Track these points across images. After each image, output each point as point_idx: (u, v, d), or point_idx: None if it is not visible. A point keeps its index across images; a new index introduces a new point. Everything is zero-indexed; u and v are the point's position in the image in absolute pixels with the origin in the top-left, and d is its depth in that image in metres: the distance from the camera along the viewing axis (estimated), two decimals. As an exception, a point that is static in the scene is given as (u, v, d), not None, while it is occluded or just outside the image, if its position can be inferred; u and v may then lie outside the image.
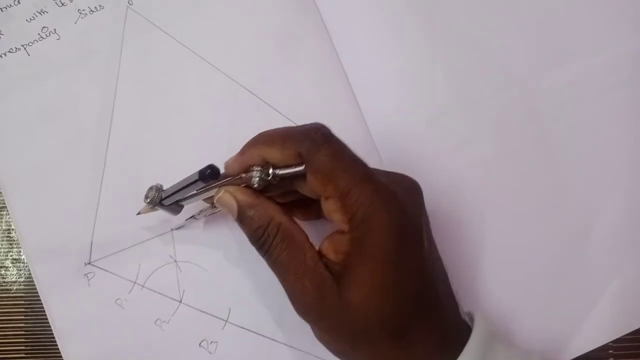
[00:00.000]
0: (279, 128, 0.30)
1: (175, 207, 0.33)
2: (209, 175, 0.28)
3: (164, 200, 0.32)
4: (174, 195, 0.31)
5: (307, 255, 0.27)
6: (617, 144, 0.37)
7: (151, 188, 0.32)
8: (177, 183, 0.30)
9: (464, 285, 0.36)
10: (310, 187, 0.28)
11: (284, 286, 0.28)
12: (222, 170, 0.29)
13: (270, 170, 0.28)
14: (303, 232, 0.28)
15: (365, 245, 0.26)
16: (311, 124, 0.29)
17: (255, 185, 0.29)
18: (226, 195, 0.29)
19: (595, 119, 0.37)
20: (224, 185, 0.30)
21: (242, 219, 0.29)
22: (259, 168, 0.29)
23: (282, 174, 0.28)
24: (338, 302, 0.26)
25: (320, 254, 0.28)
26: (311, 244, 0.28)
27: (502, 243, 0.36)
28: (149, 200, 0.32)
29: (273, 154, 0.28)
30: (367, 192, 0.26)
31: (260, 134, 0.30)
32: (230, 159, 0.30)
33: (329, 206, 0.27)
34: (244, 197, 0.29)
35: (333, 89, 0.37)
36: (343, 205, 0.26)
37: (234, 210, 0.29)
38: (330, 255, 0.27)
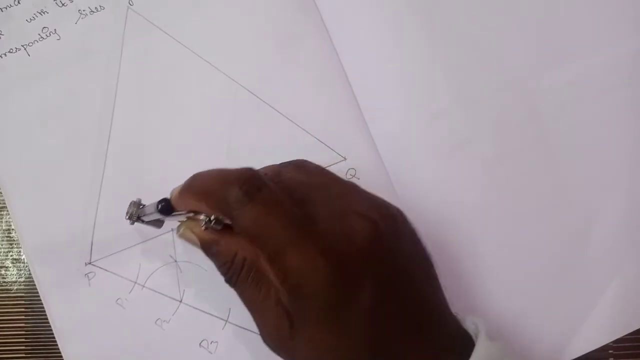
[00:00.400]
0: (211, 173, 0.28)
1: (156, 222, 0.33)
2: (161, 210, 0.28)
3: (143, 216, 0.32)
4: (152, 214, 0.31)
5: (272, 291, 0.26)
6: (617, 144, 0.37)
7: (131, 204, 0.32)
8: (150, 205, 0.31)
9: (463, 285, 0.36)
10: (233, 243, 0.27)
11: (251, 316, 0.28)
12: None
13: (212, 217, 0.27)
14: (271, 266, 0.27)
15: (301, 309, 0.25)
16: (241, 170, 0.27)
17: (203, 228, 0.28)
18: (187, 233, 0.29)
19: (595, 119, 0.37)
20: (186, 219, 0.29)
21: (207, 254, 0.28)
22: (202, 217, 0.28)
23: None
24: (291, 345, 0.26)
25: None
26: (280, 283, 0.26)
27: (502, 243, 0.36)
28: (128, 216, 0.32)
29: (202, 208, 0.27)
30: (298, 255, 0.25)
31: (191, 181, 0.28)
32: (174, 190, 0.29)
33: (263, 264, 0.26)
34: (206, 234, 0.28)
35: (333, 89, 0.37)
36: (273, 269, 0.25)
37: (198, 246, 0.29)
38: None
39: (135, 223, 0.33)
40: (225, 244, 0.27)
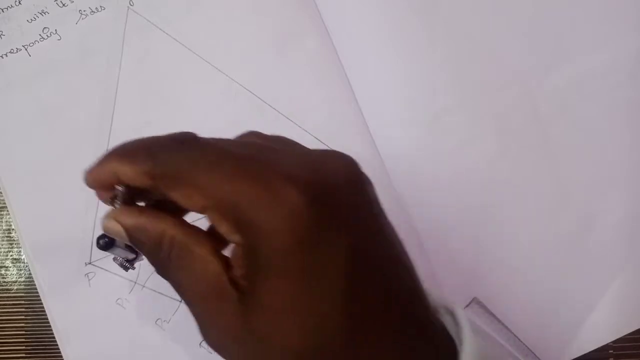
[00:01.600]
0: (141, 138, 0.24)
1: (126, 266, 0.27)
2: (101, 247, 0.24)
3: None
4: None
5: (210, 270, 0.21)
6: (617, 143, 0.37)
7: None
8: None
9: (463, 285, 0.36)
10: (181, 203, 0.21)
11: (190, 312, 0.22)
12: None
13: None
14: (207, 240, 0.22)
15: (260, 257, 0.20)
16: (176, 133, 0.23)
17: (120, 203, 0.23)
18: (110, 223, 0.23)
19: (595, 118, 0.37)
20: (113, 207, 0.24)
21: (134, 244, 0.23)
22: (121, 188, 0.23)
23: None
24: (242, 328, 0.20)
25: (230, 266, 0.22)
26: (217, 256, 0.22)
27: (502, 243, 0.36)
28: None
29: (124, 169, 0.22)
30: (246, 188, 0.20)
31: (118, 145, 0.24)
32: (88, 169, 0.24)
33: (210, 218, 0.21)
34: (129, 219, 0.23)
35: (333, 89, 0.37)
36: (220, 213, 0.20)
37: (124, 237, 0.23)
38: (237, 268, 0.21)
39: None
40: (151, 225, 0.22)
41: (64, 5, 0.37)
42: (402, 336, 0.21)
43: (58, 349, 0.35)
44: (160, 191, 0.22)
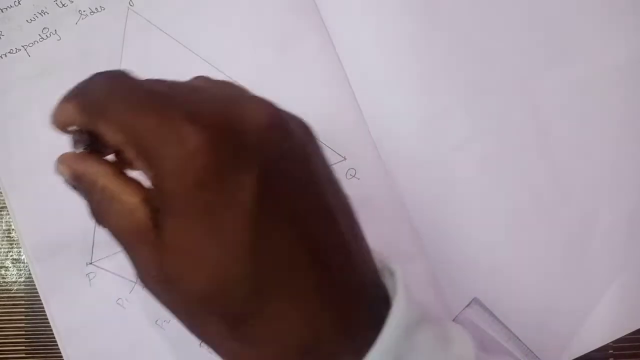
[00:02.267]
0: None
1: None
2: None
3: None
4: None
5: (136, 216, 0.21)
6: (617, 143, 0.37)
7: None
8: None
9: (463, 285, 0.36)
10: (106, 139, 0.21)
11: (126, 256, 0.22)
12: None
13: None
14: (136, 189, 0.22)
15: (166, 196, 0.20)
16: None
17: (77, 151, 0.24)
18: (60, 167, 0.24)
19: (595, 119, 0.37)
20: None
21: (74, 188, 0.24)
22: (71, 129, 0.24)
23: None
24: (157, 269, 0.20)
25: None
26: (146, 203, 0.21)
27: (502, 243, 0.36)
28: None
29: (66, 106, 0.24)
30: (151, 124, 0.20)
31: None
32: (52, 111, 0.25)
33: (129, 156, 0.21)
34: (71, 164, 0.24)
35: (333, 89, 0.37)
36: (134, 149, 0.20)
37: (69, 183, 0.24)
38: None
39: None
40: (88, 174, 0.23)
41: (63, 5, 0.37)
42: (324, 297, 0.20)
43: (58, 349, 0.35)
44: (92, 128, 0.22)
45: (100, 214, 0.23)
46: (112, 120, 0.21)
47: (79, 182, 0.23)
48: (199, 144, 0.19)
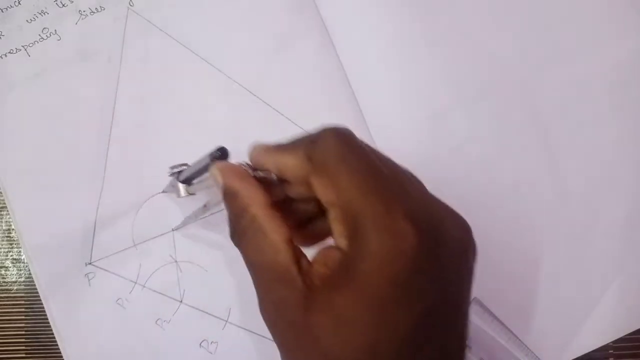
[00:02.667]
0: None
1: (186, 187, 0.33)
2: (218, 158, 0.27)
3: (192, 176, 0.32)
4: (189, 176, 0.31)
5: (279, 259, 0.22)
6: (617, 143, 0.37)
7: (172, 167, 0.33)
8: (191, 166, 0.31)
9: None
10: (315, 190, 0.23)
11: (253, 281, 0.24)
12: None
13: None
14: (283, 230, 0.23)
15: (355, 271, 0.21)
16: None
17: (251, 174, 0.25)
18: (215, 172, 0.26)
19: (595, 119, 0.37)
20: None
21: (224, 200, 0.25)
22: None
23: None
24: (301, 320, 0.21)
25: (311, 262, 0.23)
26: (289, 245, 0.23)
27: (502, 243, 0.36)
28: (174, 176, 0.32)
29: (285, 159, 0.24)
30: (378, 205, 0.21)
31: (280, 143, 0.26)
32: (257, 147, 0.26)
33: (331, 214, 0.23)
34: (229, 179, 0.25)
35: (333, 89, 0.37)
36: (342, 214, 0.22)
37: (220, 190, 0.25)
38: (319, 267, 0.22)
39: (183, 196, 0.32)
40: (242, 195, 0.24)
41: (63, 5, 0.37)
42: None
43: (58, 349, 0.35)
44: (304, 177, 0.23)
45: (242, 241, 0.24)
46: (332, 182, 0.22)
47: (230, 199, 0.25)
48: (411, 244, 0.20)
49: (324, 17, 0.37)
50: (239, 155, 0.36)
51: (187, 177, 0.32)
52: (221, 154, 0.27)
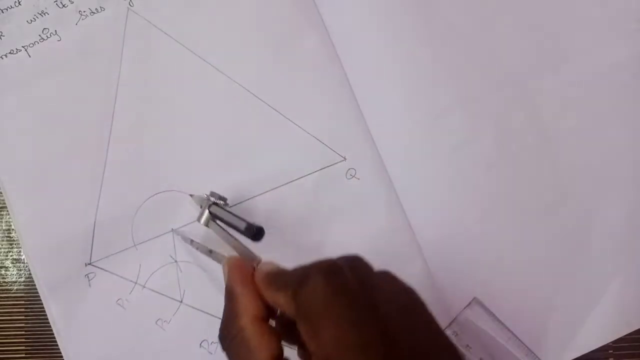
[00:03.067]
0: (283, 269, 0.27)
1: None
2: (253, 236, 0.29)
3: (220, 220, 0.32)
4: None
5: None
6: (617, 144, 0.37)
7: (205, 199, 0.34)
8: (228, 213, 0.31)
9: (463, 285, 0.36)
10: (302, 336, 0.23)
11: None
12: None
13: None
14: (272, 346, 0.24)
15: None
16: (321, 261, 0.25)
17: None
18: (225, 269, 0.28)
19: (595, 119, 0.37)
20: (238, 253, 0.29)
21: (224, 298, 0.27)
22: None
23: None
24: None
25: None
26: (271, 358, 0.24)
27: (502, 243, 0.36)
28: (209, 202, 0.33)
29: (276, 297, 0.25)
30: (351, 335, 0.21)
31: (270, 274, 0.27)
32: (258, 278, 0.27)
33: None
34: (232, 281, 0.27)
35: (333, 89, 0.37)
36: (312, 341, 0.22)
37: (224, 278, 0.28)
38: None
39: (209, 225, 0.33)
40: (238, 302, 0.26)
41: (63, 5, 0.37)
42: None
43: (58, 349, 0.35)
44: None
45: (229, 347, 0.25)
46: (314, 332, 0.22)
47: (227, 300, 0.26)
48: None
49: (324, 17, 0.37)
50: (238, 155, 0.37)
51: (217, 216, 0.32)
52: (256, 232, 0.29)
